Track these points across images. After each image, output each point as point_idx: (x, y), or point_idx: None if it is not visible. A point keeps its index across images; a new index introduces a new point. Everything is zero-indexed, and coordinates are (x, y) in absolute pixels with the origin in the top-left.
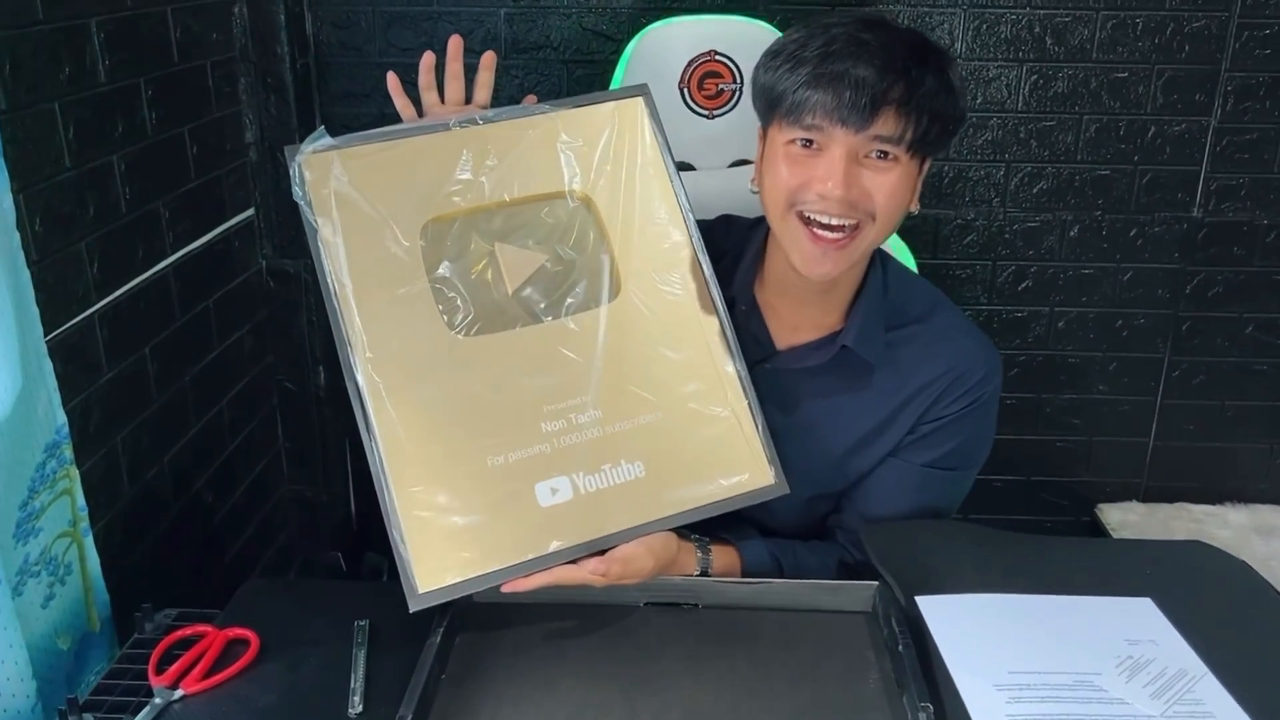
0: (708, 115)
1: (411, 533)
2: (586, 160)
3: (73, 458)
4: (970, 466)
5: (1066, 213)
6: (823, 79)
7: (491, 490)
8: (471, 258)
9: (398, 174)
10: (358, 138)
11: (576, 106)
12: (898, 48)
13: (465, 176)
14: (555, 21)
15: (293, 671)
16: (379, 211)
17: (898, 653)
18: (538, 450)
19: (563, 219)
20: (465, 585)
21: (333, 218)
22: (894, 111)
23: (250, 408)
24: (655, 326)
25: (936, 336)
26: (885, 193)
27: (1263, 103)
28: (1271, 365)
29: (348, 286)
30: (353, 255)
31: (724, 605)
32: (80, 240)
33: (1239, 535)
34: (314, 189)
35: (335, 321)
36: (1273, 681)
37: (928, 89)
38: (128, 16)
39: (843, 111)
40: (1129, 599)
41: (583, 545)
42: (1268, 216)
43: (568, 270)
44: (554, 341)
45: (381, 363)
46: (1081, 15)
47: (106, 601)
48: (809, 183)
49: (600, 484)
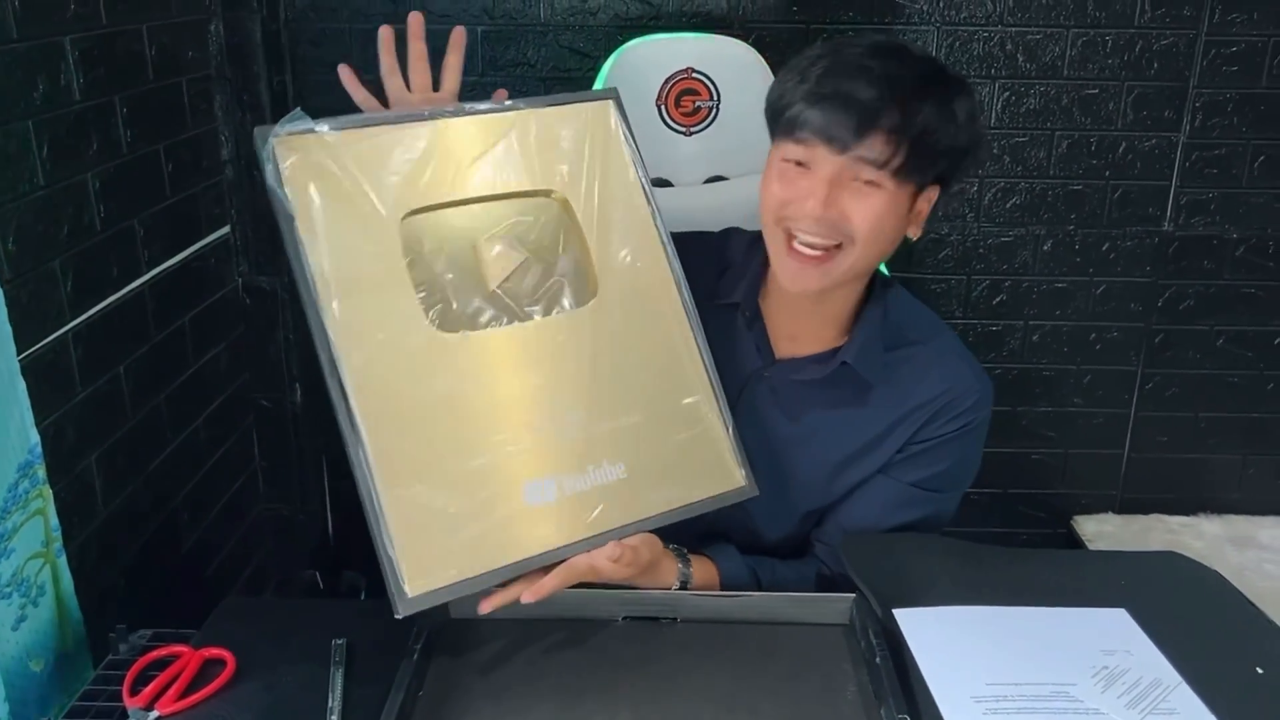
0: (685, 132)
1: (400, 535)
2: (562, 160)
3: (46, 477)
4: (955, 489)
5: (1040, 227)
6: (817, 98)
7: (478, 491)
8: (451, 253)
9: (377, 163)
10: (335, 122)
11: (549, 105)
12: (902, 75)
13: (445, 170)
14: (532, 39)
15: (270, 691)
16: (359, 199)
17: (875, 665)
18: (524, 450)
19: (540, 218)
20: (455, 588)
21: (310, 206)
22: (881, 138)
23: (226, 426)
24: (631, 329)
25: (934, 359)
26: (864, 217)
27: (1230, 118)
28: (1243, 377)
29: (329, 280)
30: (332, 244)
31: (702, 619)
32: (54, 258)
33: (1213, 546)
34: (289, 174)
35: (314, 316)
36: (1245, 690)
37: (923, 118)
38: (102, 34)
39: (829, 132)
40: (1104, 610)
41: (568, 547)
42: (1237, 230)
43: (546, 270)
44: (537, 340)
45: (364, 360)
46: (1052, 33)
47: (80, 623)
48: (794, 199)
49: (584, 485)
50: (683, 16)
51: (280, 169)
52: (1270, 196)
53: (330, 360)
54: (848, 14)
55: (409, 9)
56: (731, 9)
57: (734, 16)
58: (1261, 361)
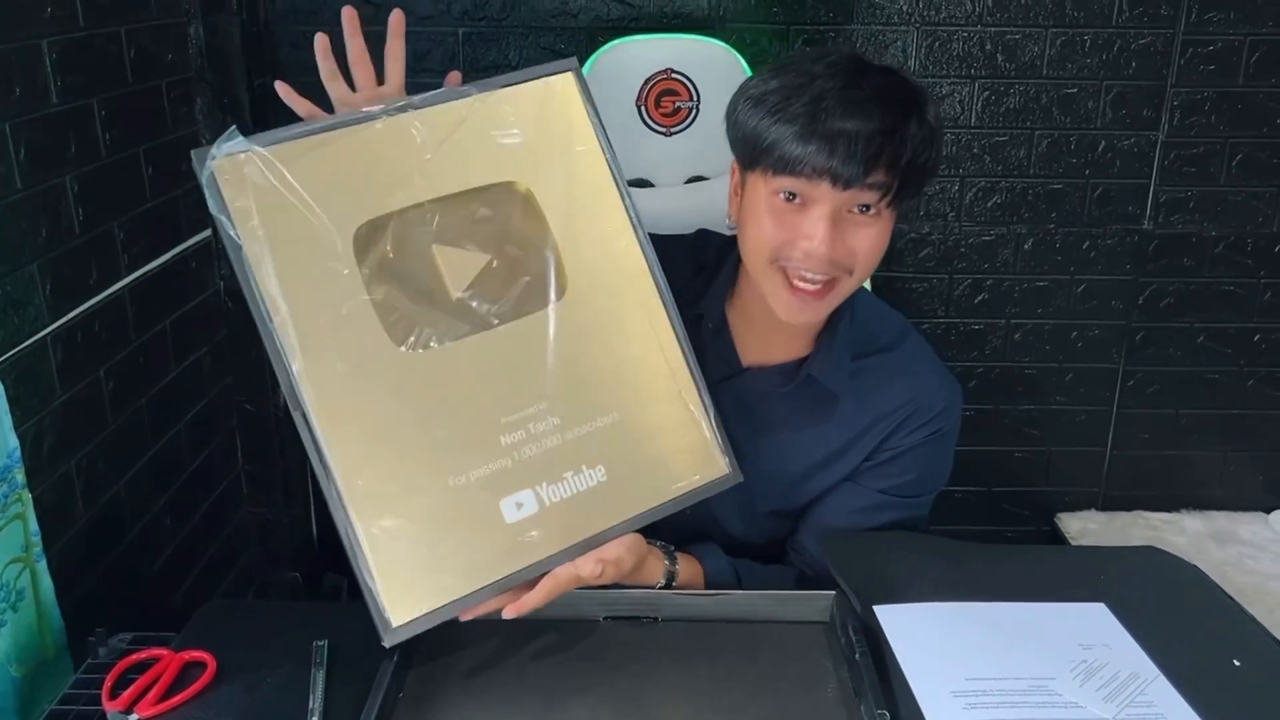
0: (665, 133)
1: (379, 565)
2: (522, 147)
3: (25, 482)
4: (925, 495)
5: (1020, 226)
6: (814, 136)
7: (456, 511)
8: (410, 263)
9: (324, 174)
10: (274, 135)
11: (504, 86)
12: (887, 102)
13: (397, 172)
14: (513, 40)
15: (250, 693)
16: (308, 219)
17: (855, 661)
18: (499, 465)
19: (503, 213)
20: (439, 613)
21: (256, 230)
22: (883, 170)
23: (209, 430)
24: (604, 324)
25: (900, 368)
26: (867, 248)
27: (1208, 117)
28: (1223, 374)
29: (282, 307)
30: (283, 271)
31: (684, 618)
32: (32, 262)
33: (1195, 542)
34: (231, 198)
35: (272, 347)
36: (1222, 683)
37: (916, 144)
38: (80, 37)
39: (834, 171)
40: (1083, 604)
41: (552, 557)
42: (1215, 228)
43: (512, 269)
44: (505, 347)
45: (328, 387)
46: (1031, 32)
47: (61, 628)
48: (793, 239)
49: (564, 493)
50: (662, 17)
51: (221, 195)
52: (1248, 194)
53: (291, 391)
54: (827, 14)
55: (389, 12)
56: (711, 10)
57: (713, 17)
58: (1241, 358)
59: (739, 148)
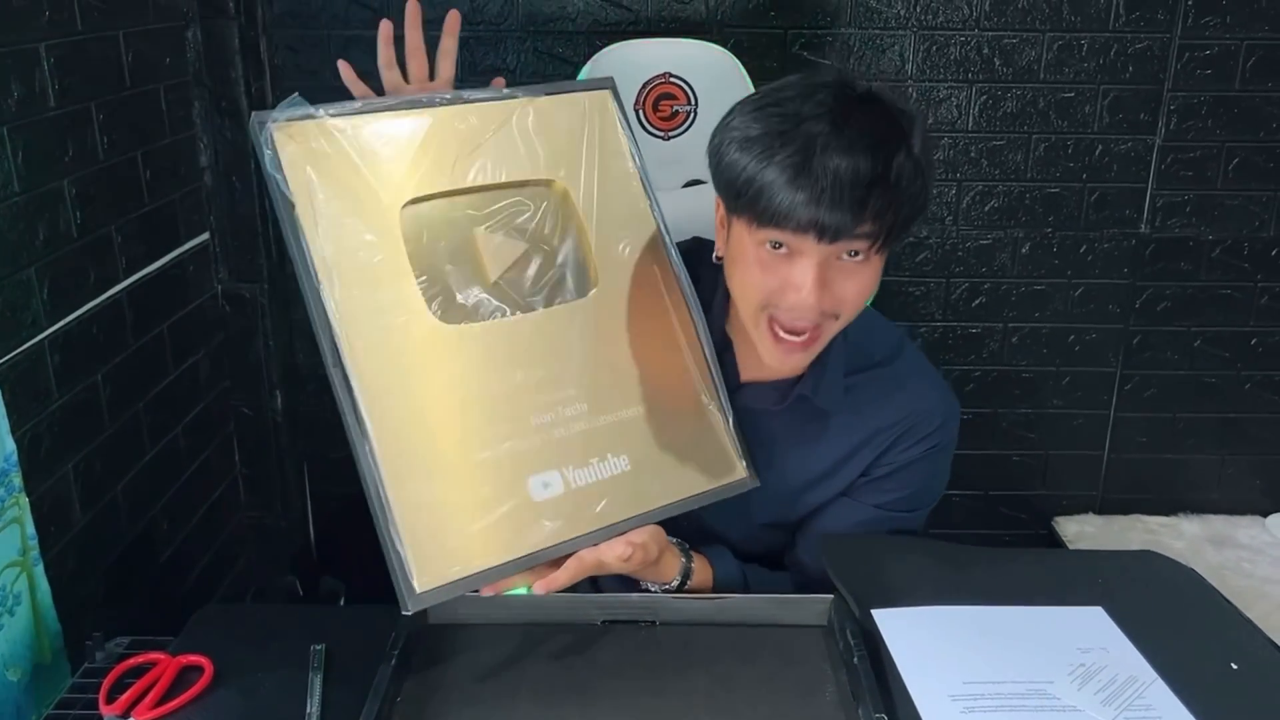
0: (663, 136)
1: (408, 529)
2: (562, 149)
3: (22, 485)
4: (922, 509)
5: (1018, 230)
6: (802, 189)
7: (485, 484)
8: (453, 243)
9: (376, 150)
10: (334, 108)
11: (547, 94)
12: (873, 144)
13: (446, 158)
14: (511, 44)
15: (247, 698)
16: (360, 188)
17: (853, 665)
18: (529, 443)
19: (541, 207)
20: (463, 584)
21: (310, 192)
22: (870, 220)
23: (206, 433)
24: (631, 319)
25: (895, 383)
26: (855, 294)
27: (1205, 121)
28: (1220, 377)
29: (330, 267)
30: (332, 234)
31: (682, 622)
32: (29, 265)
33: (1192, 545)
34: (290, 161)
35: (315, 303)
36: (1220, 686)
37: (903, 180)
38: (78, 40)
39: (821, 224)
40: (1081, 608)
41: (573, 540)
42: (1212, 232)
43: (548, 260)
44: (537, 332)
45: (367, 349)
46: (1028, 37)
47: (58, 632)
48: (782, 290)
49: (589, 478)
50: (660, 21)
51: (279, 155)
52: (1245, 198)
53: (333, 348)
54: (824, 19)
55: (388, 15)
56: (709, 14)
57: (711, 21)
58: (1238, 362)
59: (723, 190)
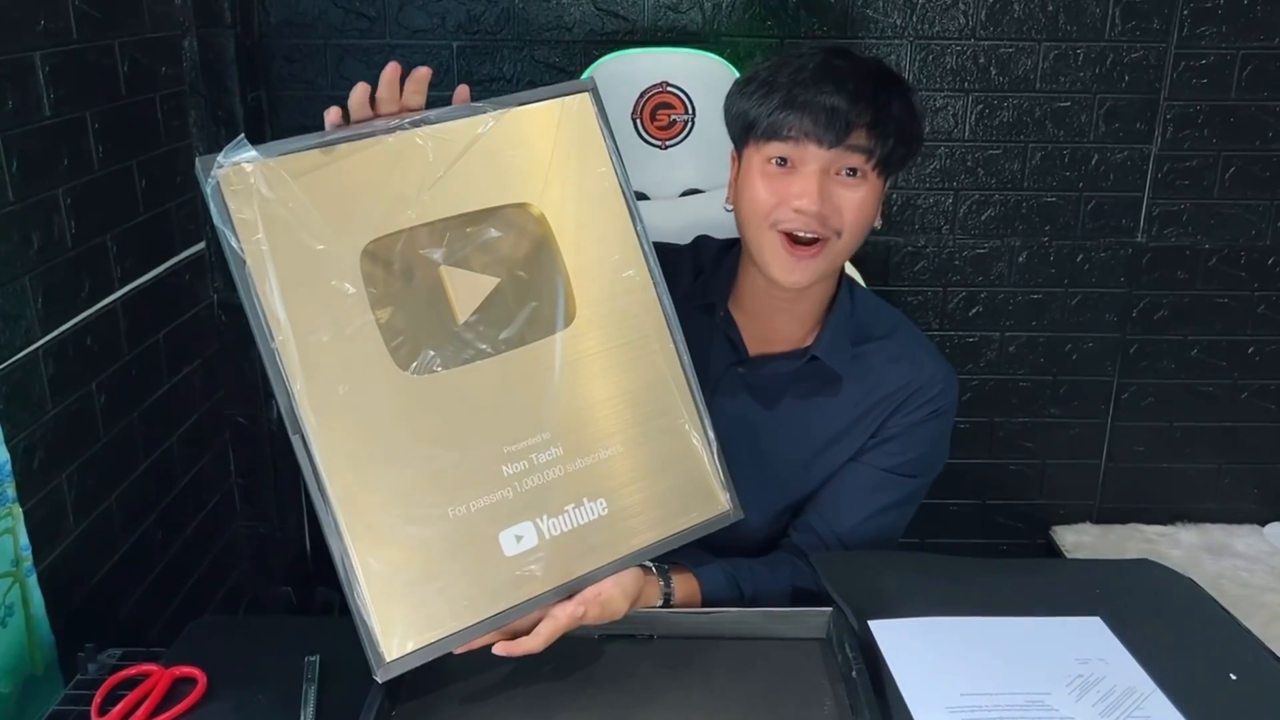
0: (660, 145)
1: (375, 597)
2: (538, 166)
3: (15, 496)
4: (926, 475)
5: (1014, 239)
6: (797, 102)
7: (455, 543)
8: (418, 283)
9: (334, 189)
10: (284, 146)
11: (520, 105)
12: (865, 74)
13: (408, 189)
14: (508, 53)
15: (241, 710)
16: (315, 234)
17: (851, 679)
18: (500, 496)
19: (514, 236)
20: (434, 648)
21: (260, 244)
22: (864, 132)
23: (201, 443)
24: (611, 352)
25: (899, 353)
26: (854, 208)
27: (1200, 130)
28: (1217, 386)
29: (284, 325)
30: (287, 288)
31: (678, 635)
32: (24, 274)
33: (1190, 555)
34: (236, 210)
35: (272, 366)
36: (1219, 697)
37: (894, 112)
38: (74, 49)
39: (818, 131)
40: (1079, 619)
41: (550, 593)
42: (1209, 241)
43: (521, 294)
44: (511, 374)
45: (329, 411)
46: (1024, 46)
47: (51, 643)
48: (785, 199)
49: (564, 526)
50: (657, 31)
51: (226, 205)
52: (1241, 207)
53: (291, 413)
54: (821, 28)
55: (385, 25)
56: (706, 24)
57: (708, 31)
58: (1235, 371)
59: (733, 129)
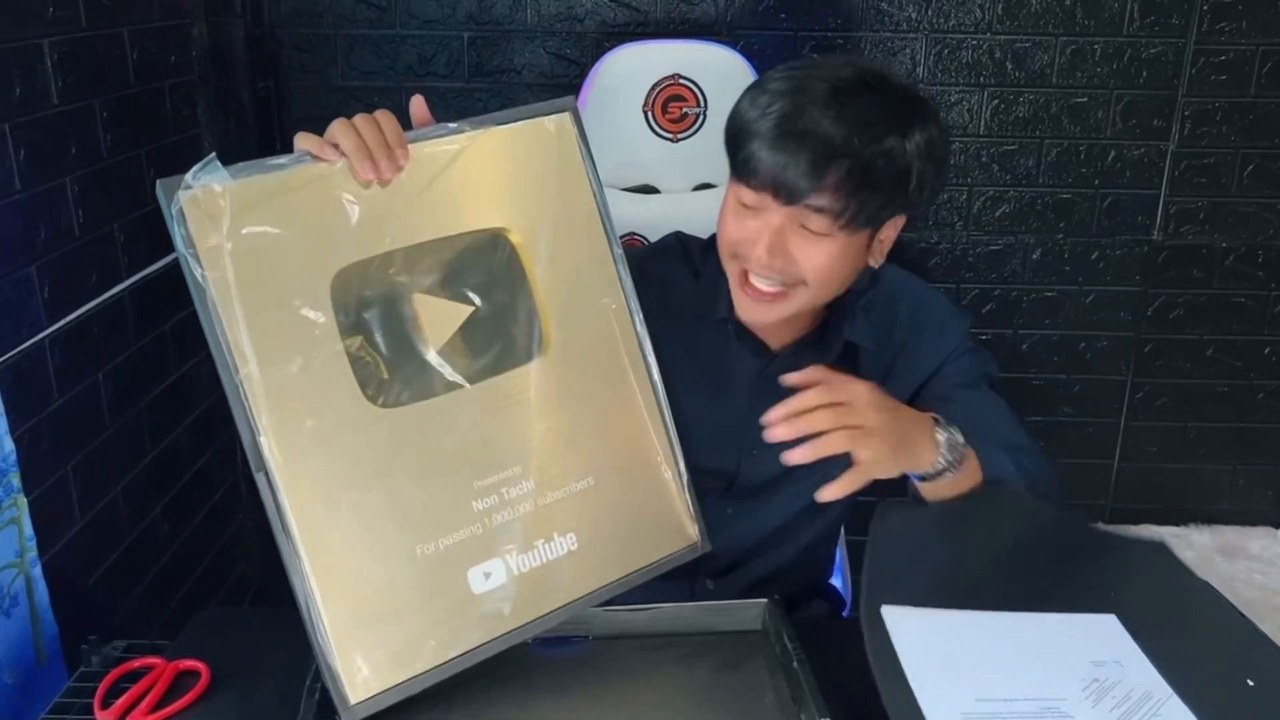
0: (671, 138)
1: (339, 640)
2: (515, 190)
3: (20, 486)
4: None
5: (1029, 236)
6: (772, 142)
7: (423, 582)
8: (389, 312)
9: (302, 214)
10: (253, 167)
11: (497, 125)
12: (855, 121)
13: (381, 213)
14: (519, 45)
15: (244, 703)
16: (284, 260)
17: (792, 670)
18: (469, 533)
19: (488, 263)
20: (401, 689)
21: (225, 273)
22: (829, 193)
23: (208, 434)
24: (585, 383)
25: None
26: (814, 264)
27: (1219, 127)
28: (1232, 386)
29: (249, 358)
30: (253, 319)
31: (615, 634)
32: (30, 264)
33: (1203, 556)
34: (202, 237)
35: (235, 400)
36: (1237, 703)
37: (880, 170)
38: (82, 38)
39: (777, 183)
40: (1094, 616)
41: (519, 630)
42: (1226, 239)
43: (495, 322)
44: (482, 407)
45: (295, 447)
46: (1041, 41)
47: (55, 634)
48: (744, 240)
49: (534, 561)
50: (669, 23)
51: (190, 231)
52: (1259, 205)
53: (255, 449)
54: (835, 21)
55: (394, 17)
56: (718, 15)
57: (721, 23)
58: (1251, 371)
59: (727, 145)
